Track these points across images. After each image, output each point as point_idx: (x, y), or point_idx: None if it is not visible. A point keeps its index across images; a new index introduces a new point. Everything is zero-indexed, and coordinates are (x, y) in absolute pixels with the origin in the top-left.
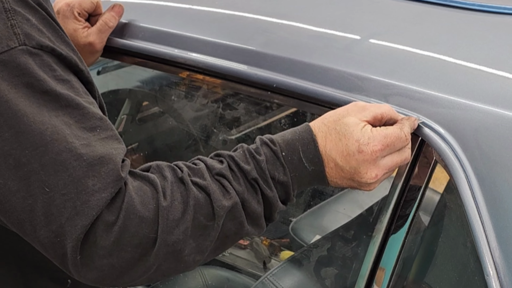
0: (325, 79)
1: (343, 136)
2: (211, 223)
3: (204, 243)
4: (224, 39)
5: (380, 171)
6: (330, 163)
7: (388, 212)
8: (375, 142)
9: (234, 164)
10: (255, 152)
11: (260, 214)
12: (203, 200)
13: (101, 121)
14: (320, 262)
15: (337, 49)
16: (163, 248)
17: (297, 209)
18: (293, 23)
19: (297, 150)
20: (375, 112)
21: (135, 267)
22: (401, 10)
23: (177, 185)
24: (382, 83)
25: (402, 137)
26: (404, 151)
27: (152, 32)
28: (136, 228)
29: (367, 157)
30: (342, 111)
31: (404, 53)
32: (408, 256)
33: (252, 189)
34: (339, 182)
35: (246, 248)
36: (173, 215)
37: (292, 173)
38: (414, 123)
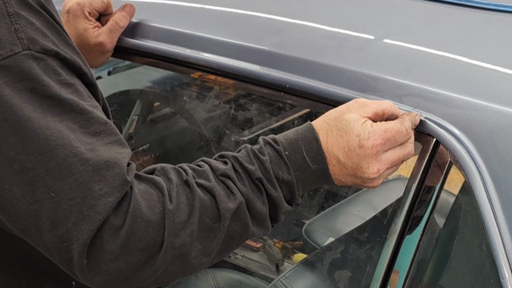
0: (339, 80)
1: (344, 132)
2: (217, 225)
3: (210, 245)
4: (237, 39)
5: (382, 166)
6: (332, 160)
7: (402, 214)
8: (376, 136)
9: (238, 165)
10: (258, 152)
11: (265, 214)
12: (208, 202)
13: (105, 125)
14: (333, 264)
15: (350, 49)
16: (170, 251)
17: (311, 211)
18: (306, 23)
19: (300, 149)
20: (376, 108)
21: (141, 270)
22: (416, 9)
23: (183, 187)
24: (396, 83)
25: (403, 131)
26: (407, 146)
27: (163, 32)
28: (143, 232)
29: (368, 151)
30: (343, 108)
31: (419, 53)
32: (422, 258)
33: (257, 189)
34: (343, 179)
35: (259, 250)
36: (179, 218)
37: (296, 172)
38: (415, 118)
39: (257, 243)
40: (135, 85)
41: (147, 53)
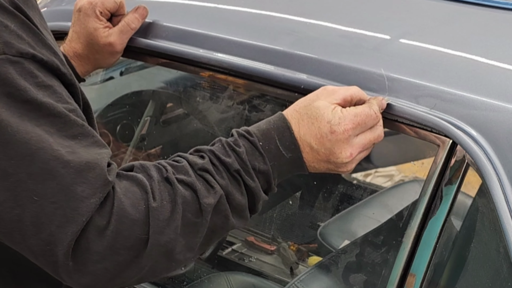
0: (354, 80)
1: (315, 119)
2: (199, 220)
3: (194, 240)
4: (250, 39)
5: (355, 150)
6: (306, 148)
7: (418, 217)
8: (346, 121)
9: (215, 158)
10: (234, 144)
11: (244, 206)
12: (190, 198)
13: (82, 128)
14: (348, 268)
15: (366, 49)
16: (155, 248)
17: (326, 214)
18: (321, 23)
19: (274, 138)
20: (344, 95)
21: (128, 269)
22: (432, 9)
23: (164, 184)
24: (412, 84)
25: (372, 114)
26: (376, 129)
27: (176, 32)
28: (129, 231)
29: (339, 136)
30: (312, 96)
31: (435, 53)
32: (439, 261)
33: (235, 181)
34: (317, 166)
35: (273, 253)
36: (163, 215)
37: (271, 162)
38: (382, 102)
39: (271, 246)
40: (147, 86)
41: (159, 53)
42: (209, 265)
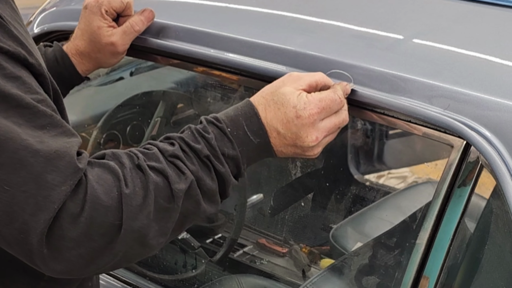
0: (367, 80)
1: (281, 105)
2: (171, 205)
3: (166, 225)
4: (262, 39)
5: (320, 134)
6: (273, 133)
7: (432, 219)
8: (311, 106)
9: (185, 145)
10: (203, 131)
11: (215, 191)
12: (161, 184)
13: (51, 118)
14: (361, 270)
15: (379, 49)
16: (129, 234)
17: (338, 216)
18: (333, 22)
19: (241, 124)
20: (309, 81)
21: (102, 255)
22: (446, 8)
23: (136, 171)
24: (426, 84)
25: (336, 99)
26: (341, 113)
27: (187, 31)
28: (103, 218)
29: (305, 121)
30: (278, 83)
31: (449, 54)
32: (453, 264)
33: (205, 167)
34: (284, 150)
35: (285, 255)
36: (136, 201)
37: (240, 147)
38: (346, 87)
39: (283, 248)
40: (158, 86)
41: (170, 54)
42: (220, 267)
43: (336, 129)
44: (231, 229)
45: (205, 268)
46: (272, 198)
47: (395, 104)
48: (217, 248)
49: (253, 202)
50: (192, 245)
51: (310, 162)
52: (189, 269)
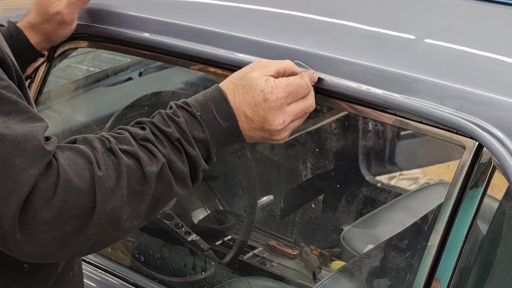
0: (378, 81)
1: (249, 89)
2: (144, 188)
3: (139, 208)
4: (272, 39)
5: (287, 117)
6: (241, 117)
7: (443, 220)
8: (279, 90)
9: (156, 129)
10: (173, 115)
11: (186, 174)
12: (134, 166)
13: (16, 104)
14: (372, 273)
15: (390, 49)
16: (102, 216)
17: (349, 217)
18: (344, 22)
19: (211, 108)
20: (277, 67)
21: (76, 238)
22: (458, 8)
23: (108, 154)
24: (437, 85)
25: (303, 84)
26: (308, 99)
27: (197, 31)
28: (76, 200)
29: (272, 104)
30: (246, 69)
31: (461, 54)
32: (465, 266)
33: (176, 150)
34: (252, 134)
35: (295, 258)
36: (109, 184)
37: (210, 131)
38: (313, 75)
39: (293, 250)
40: (167, 87)
41: (179, 54)
42: (230, 270)
43: (303, 114)
44: (241, 231)
45: (214, 270)
46: (283, 199)
47: (406, 105)
48: (227, 250)
49: (263, 203)
50: (202, 247)
51: (321, 164)
52: (198, 272)
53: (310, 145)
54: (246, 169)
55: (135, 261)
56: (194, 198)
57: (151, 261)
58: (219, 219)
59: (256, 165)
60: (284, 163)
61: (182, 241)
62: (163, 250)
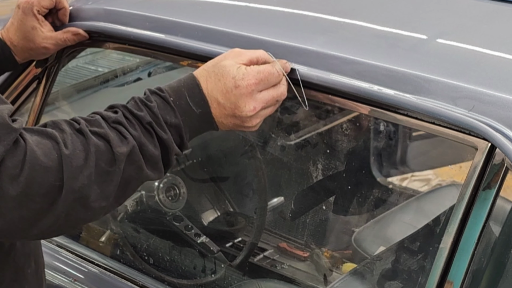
0: (390, 81)
1: (221, 76)
2: (113, 169)
3: (108, 189)
4: (283, 39)
5: (258, 104)
6: (213, 103)
7: (456, 222)
8: (249, 77)
9: (128, 112)
10: (146, 100)
11: (158, 157)
12: (103, 147)
13: None
14: (384, 275)
15: (402, 49)
16: (70, 194)
17: (360, 219)
18: (355, 22)
19: (184, 95)
20: (250, 56)
21: (44, 217)
22: (471, 8)
23: (76, 135)
24: (450, 85)
25: (274, 72)
26: (279, 87)
27: (206, 31)
28: (42, 178)
29: (243, 91)
30: (220, 57)
31: (474, 54)
32: (477, 268)
33: (148, 133)
34: (225, 121)
35: (306, 260)
36: (76, 162)
37: (182, 117)
38: (286, 65)
39: (304, 252)
40: None
41: (189, 54)
42: (240, 272)
43: (275, 102)
44: (251, 232)
45: (224, 272)
46: (293, 201)
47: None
48: (237, 252)
49: (273, 205)
50: (212, 249)
51: (332, 165)
52: (208, 274)
53: (321, 146)
54: (257, 170)
55: (144, 263)
56: (204, 199)
57: (161, 263)
58: (229, 221)
59: (266, 167)
60: (295, 164)
61: (191, 243)
62: (172, 252)
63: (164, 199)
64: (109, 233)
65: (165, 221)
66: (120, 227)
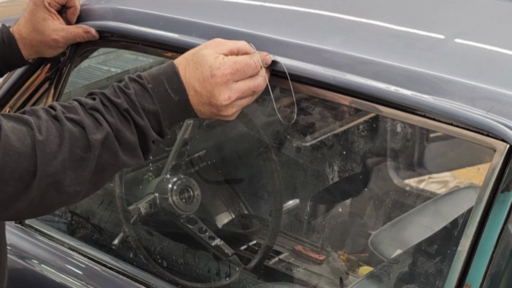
0: (407, 82)
1: (199, 65)
2: (88, 155)
3: (83, 174)
4: (298, 39)
5: (233, 94)
6: (191, 91)
7: (474, 225)
8: (225, 66)
9: (105, 99)
10: (124, 87)
11: (135, 143)
12: (78, 134)
13: None
14: (401, 278)
15: (419, 50)
16: (43, 179)
17: (377, 222)
18: (372, 22)
19: (162, 82)
20: (231, 47)
21: (19, 200)
22: (489, 7)
23: (52, 121)
24: (468, 86)
25: (251, 63)
26: (257, 78)
27: (220, 31)
28: (16, 163)
29: (218, 80)
30: (201, 46)
31: (492, 54)
32: (496, 272)
33: (125, 120)
34: (202, 109)
35: (322, 263)
36: (50, 148)
37: (160, 103)
38: (266, 57)
39: (320, 255)
40: None
41: None
42: (255, 275)
43: (251, 93)
44: (266, 235)
45: (239, 276)
46: (309, 203)
47: (436, 106)
48: (252, 255)
49: (289, 207)
50: (226, 252)
51: (348, 167)
52: (222, 277)
53: (337, 148)
54: (272, 172)
55: (157, 266)
56: (219, 202)
57: (174, 266)
58: (244, 223)
59: (281, 168)
60: (311, 166)
61: (206, 246)
62: (186, 255)
63: (178, 201)
64: (122, 235)
65: (178, 223)
66: (133, 229)
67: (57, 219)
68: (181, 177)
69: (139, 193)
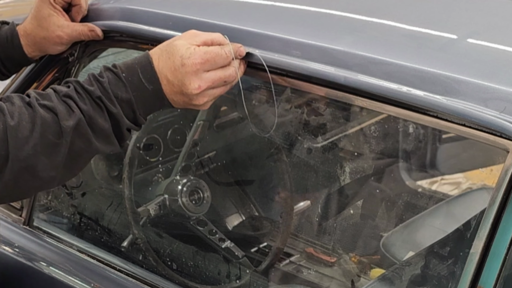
0: (419, 82)
1: (171, 55)
2: (60, 141)
3: (56, 159)
4: (309, 39)
5: (203, 83)
6: (163, 80)
7: (487, 227)
8: (196, 56)
9: (79, 87)
10: (98, 76)
11: (108, 130)
12: (50, 120)
13: None
14: (413, 281)
15: (432, 50)
16: (16, 163)
17: (389, 224)
18: (384, 21)
19: (136, 71)
20: (205, 39)
21: None
22: (502, 7)
23: (25, 107)
24: (480, 86)
25: (222, 54)
26: (228, 69)
27: (231, 31)
28: None
29: (188, 69)
30: (175, 37)
31: (506, 54)
32: (509, 274)
33: (98, 107)
34: (175, 98)
35: (333, 265)
36: (21, 133)
37: (134, 92)
38: (239, 49)
39: (331, 258)
40: None
41: None
42: (265, 277)
43: (222, 83)
44: (277, 237)
45: (249, 278)
46: (320, 205)
47: (448, 107)
48: (263, 257)
49: (300, 209)
50: (236, 254)
51: (360, 168)
52: (233, 280)
53: (349, 149)
54: (282, 173)
55: (167, 268)
56: (229, 203)
57: (184, 268)
58: (254, 225)
59: (292, 170)
60: (322, 167)
61: (216, 248)
62: (196, 258)
63: (187, 203)
64: (131, 237)
65: (188, 225)
66: (142, 231)
67: (65, 221)
68: (191, 178)
69: (149, 195)
